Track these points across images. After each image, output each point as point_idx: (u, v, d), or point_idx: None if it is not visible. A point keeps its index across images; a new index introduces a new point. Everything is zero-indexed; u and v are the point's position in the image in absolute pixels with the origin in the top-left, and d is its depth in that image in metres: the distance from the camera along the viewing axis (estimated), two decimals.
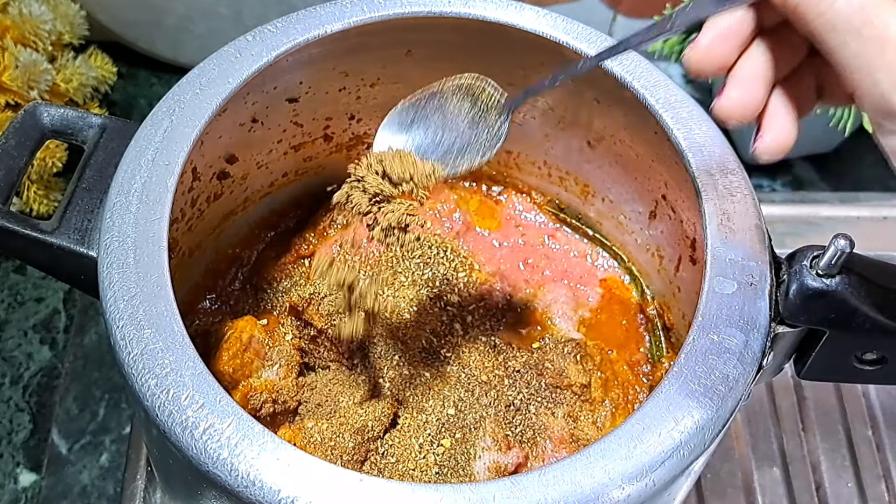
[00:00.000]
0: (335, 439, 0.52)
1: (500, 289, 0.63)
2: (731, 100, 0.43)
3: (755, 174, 0.90)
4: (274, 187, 0.66)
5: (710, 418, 0.44)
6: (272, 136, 0.62)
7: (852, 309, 0.46)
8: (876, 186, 0.90)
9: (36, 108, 0.54)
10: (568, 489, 0.41)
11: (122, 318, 0.45)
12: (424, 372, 0.57)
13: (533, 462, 0.56)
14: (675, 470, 0.43)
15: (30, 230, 0.50)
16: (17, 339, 0.78)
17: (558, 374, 0.58)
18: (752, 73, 0.43)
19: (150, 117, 0.52)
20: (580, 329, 0.63)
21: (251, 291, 0.64)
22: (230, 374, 0.54)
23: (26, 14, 0.81)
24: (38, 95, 0.81)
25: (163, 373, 0.43)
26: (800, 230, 0.81)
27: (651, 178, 0.60)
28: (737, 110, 0.43)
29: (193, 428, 0.42)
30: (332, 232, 0.66)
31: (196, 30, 0.91)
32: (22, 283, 0.81)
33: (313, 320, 0.58)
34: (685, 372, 0.45)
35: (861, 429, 0.74)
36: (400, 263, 0.62)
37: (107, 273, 0.46)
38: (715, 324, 0.46)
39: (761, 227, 0.50)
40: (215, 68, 0.54)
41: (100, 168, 0.52)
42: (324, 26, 0.56)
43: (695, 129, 0.53)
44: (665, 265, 0.63)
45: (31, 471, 0.72)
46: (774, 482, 0.71)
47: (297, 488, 0.40)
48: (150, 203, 0.49)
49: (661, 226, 0.61)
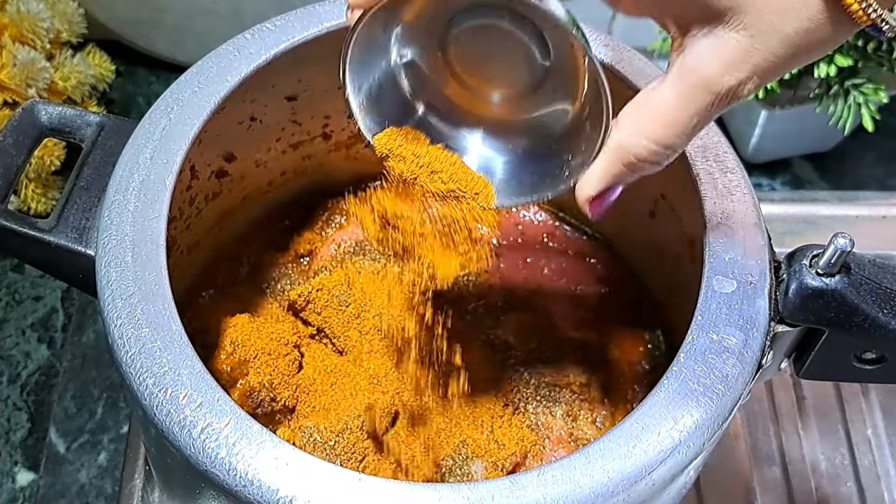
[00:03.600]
0: (334, 438, 0.52)
1: (500, 287, 0.63)
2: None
3: (754, 173, 0.90)
4: (272, 186, 0.66)
5: (709, 417, 0.44)
6: (271, 134, 0.62)
7: (852, 308, 0.46)
8: (875, 185, 0.90)
9: (34, 107, 0.54)
10: (567, 488, 0.41)
11: (120, 316, 0.45)
12: (423, 371, 0.56)
13: (532, 461, 0.55)
14: (675, 469, 0.43)
15: (28, 229, 0.50)
16: (14, 337, 0.78)
17: (557, 373, 0.58)
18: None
19: (149, 115, 0.52)
20: (579, 328, 0.63)
21: (250, 290, 0.64)
22: (228, 372, 0.54)
23: (24, 12, 0.81)
24: (36, 93, 0.81)
25: (161, 371, 0.43)
26: (799, 229, 0.81)
27: (650, 177, 0.60)
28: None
29: (191, 427, 0.42)
30: (331, 231, 0.66)
31: (194, 28, 0.91)
32: (20, 281, 0.81)
33: (312, 319, 0.58)
34: (684, 371, 0.45)
35: (861, 428, 0.74)
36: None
37: (105, 271, 0.46)
38: (714, 323, 0.46)
39: (760, 226, 0.50)
40: (214, 67, 0.54)
41: (98, 166, 0.52)
42: (322, 24, 0.56)
43: None
44: (664, 264, 0.62)
45: (28, 470, 0.72)
46: (774, 482, 0.71)
47: (295, 487, 0.40)
48: (148, 201, 0.48)
49: (661, 224, 0.61)
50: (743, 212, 0.50)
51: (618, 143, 0.41)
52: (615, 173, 0.42)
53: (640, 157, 0.41)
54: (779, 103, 0.84)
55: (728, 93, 0.39)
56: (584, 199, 0.44)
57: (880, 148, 0.93)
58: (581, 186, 0.44)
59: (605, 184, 0.43)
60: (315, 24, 0.56)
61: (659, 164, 0.41)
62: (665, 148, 0.40)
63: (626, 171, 0.42)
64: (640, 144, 0.40)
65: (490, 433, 0.54)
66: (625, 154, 0.41)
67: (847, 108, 0.77)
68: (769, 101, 0.84)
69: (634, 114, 0.41)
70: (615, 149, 0.41)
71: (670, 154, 0.41)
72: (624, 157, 0.41)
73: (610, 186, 0.43)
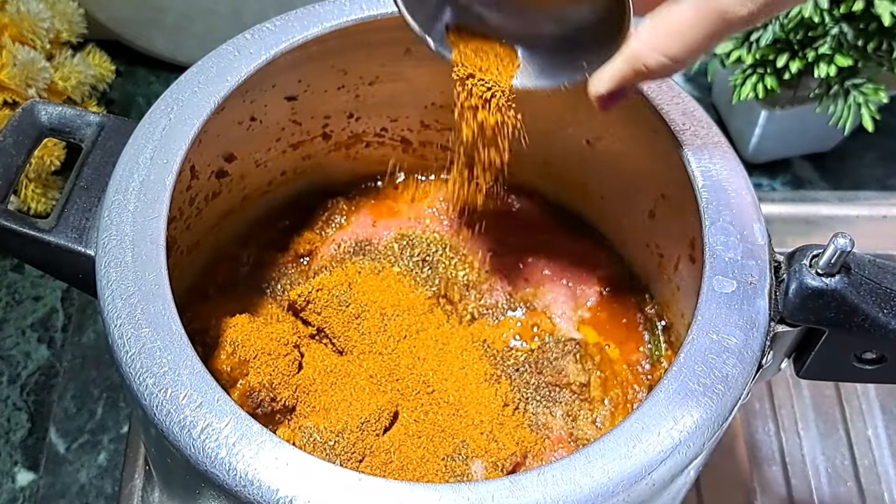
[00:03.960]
0: (334, 438, 0.52)
1: (500, 287, 0.63)
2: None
3: (755, 173, 0.90)
4: (272, 186, 0.66)
5: (710, 417, 0.44)
6: (271, 134, 0.62)
7: (852, 308, 0.46)
8: (875, 185, 0.90)
9: (34, 107, 0.54)
10: (567, 489, 0.41)
11: (120, 316, 0.45)
12: (423, 371, 0.56)
13: (532, 461, 0.55)
14: (675, 469, 0.43)
15: (27, 229, 0.50)
16: (14, 337, 0.78)
17: (557, 373, 0.58)
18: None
19: (149, 115, 0.52)
20: (579, 328, 0.63)
21: (250, 290, 0.64)
22: (228, 372, 0.54)
23: (24, 12, 0.81)
24: (36, 93, 0.81)
25: (161, 371, 0.43)
26: (799, 229, 0.81)
27: (650, 177, 0.60)
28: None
29: (191, 427, 0.42)
30: (331, 231, 0.66)
31: (194, 28, 0.91)
32: (20, 281, 0.81)
33: (312, 319, 0.58)
34: (684, 371, 0.45)
35: (861, 428, 0.74)
36: (400, 258, 0.62)
37: (105, 272, 0.46)
38: (714, 323, 0.46)
39: (761, 226, 0.50)
40: (214, 66, 0.54)
41: (98, 166, 0.52)
42: (322, 24, 0.56)
43: (694, 128, 0.53)
44: (664, 264, 0.62)
45: (28, 470, 0.72)
46: (774, 482, 0.71)
47: (295, 487, 0.40)
48: (148, 201, 0.48)
49: (661, 224, 0.61)
50: (743, 212, 0.50)
51: (633, 51, 0.46)
52: (625, 77, 0.47)
53: (649, 67, 0.45)
54: (779, 103, 0.84)
55: (740, 21, 0.43)
56: (594, 93, 0.49)
57: (880, 148, 0.93)
58: (593, 82, 0.49)
59: (614, 85, 0.48)
60: (315, 24, 0.56)
61: (665, 75, 0.46)
62: (673, 62, 0.45)
63: (634, 76, 0.46)
64: (652, 56, 0.45)
65: (490, 433, 0.54)
66: (637, 62, 0.46)
67: (847, 108, 0.77)
68: (769, 101, 0.84)
69: (652, 27, 0.45)
70: (629, 56, 0.46)
71: (677, 68, 0.45)
72: (636, 64, 0.46)
73: (618, 87, 0.48)
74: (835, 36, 0.75)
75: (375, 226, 0.66)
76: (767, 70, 0.77)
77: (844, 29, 0.75)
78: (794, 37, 0.77)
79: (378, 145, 0.68)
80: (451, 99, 0.55)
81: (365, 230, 0.65)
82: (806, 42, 0.76)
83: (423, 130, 0.67)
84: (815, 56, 0.75)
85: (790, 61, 0.76)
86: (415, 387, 0.56)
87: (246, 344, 0.55)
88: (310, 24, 0.56)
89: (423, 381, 0.56)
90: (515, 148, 0.56)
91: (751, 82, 0.77)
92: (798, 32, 0.76)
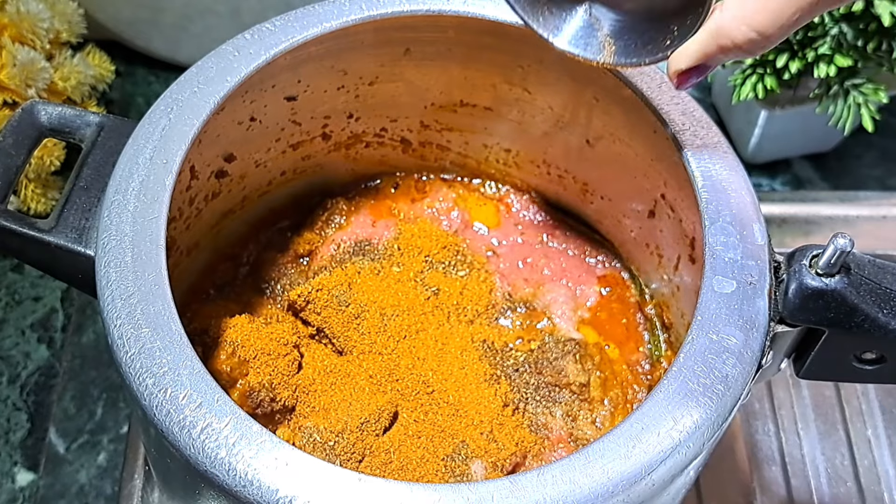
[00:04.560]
0: (333, 438, 0.52)
1: (499, 287, 0.63)
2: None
3: (754, 173, 0.90)
4: (272, 186, 0.66)
5: (709, 418, 0.44)
6: (270, 134, 0.62)
7: (851, 308, 0.46)
8: (875, 185, 0.90)
9: (33, 107, 0.54)
10: (566, 489, 0.41)
11: (119, 316, 0.45)
12: (423, 370, 0.56)
13: (531, 462, 0.55)
14: (674, 469, 0.43)
15: (27, 229, 0.50)
16: (14, 337, 0.78)
17: (557, 374, 0.58)
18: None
19: (148, 116, 0.52)
20: (579, 328, 0.63)
21: (249, 290, 0.64)
22: (228, 372, 0.54)
23: (24, 12, 0.81)
24: (36, 93, 0.81)
25: (160, 372, 0.43)
26: (799, 229, 0.81)
27: (650, 177, 0.60)
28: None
29: (191, 427, 0.42)
30: (331, 231, 0.66)
31: (194, 28, 0.91)
32: (19, 281, 0.81)
33: (311, 319, 0.58)
34: (684, 371, 0.45)
35: (861, 428, 0.74)
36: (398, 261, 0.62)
37: (104, 272, 0.46)
38: (714, 323, 0.46)
39: (760, 226, 0.50)
40: (213, 67, 0.54)
41: (97, 167, 0.52)
42: (322, 24, 0.56)
43: (694, 128, 0.53)
44: (664, 264, 0.62)
45: (28, 470, 0.72)
46: (774, 482, 0.71)
47: (295, 488, 0.40)
48: (147, 202, 0.48)
49: (661, 224, 0.61)
50: (743, 212, 0.50)
51: (718, 25, 0.43)
52: (708, 53, 0.45)
53: (735, 42, 0.43)
54: (779, 103, 0.84)
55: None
56: (674, 71, 0.47)
57: (880, 148, 0.93)
58: (674, 59, 0.47)
59: (696, 61, 0.45)
60: (315, 24, 0.56)
61: (751, 53, 0.44)
62: (762, 37, 0.42)
63: (719, 52, 0.44)
64: (739, 29, 0.42)
65: (490, 433, 0.54)
66: (722, 36, 0.43)
67: (847, 108, 0.77)
68: (769, 102, 0.84)
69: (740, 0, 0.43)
70: (715, 30, 0.44)
71: (765, 45, 0.43)
72: (721, 39, 0.43)
73: (700, 64, 0.46)
74: (834, 36, 0.75)
75: (375, 226, 0.66)
76: (767, 70, 0.77)
77: (844, 29, 0.75)
78: (793, 37, 0.77)
79: (378, 145, 0.68)
80: (451, 99, 0.55)
81: (365, 230, 0.65)
82: (805, 42, 0.76)
83: (423, 130, 0.67)
84: (815, 56, 0.75)
85: (790, 61, 0.76)
86: (414, 387, 0.56)
87: (246, 344, 0.55)
88: (309, 24, 0.56)
89: (422, 381, 0.56)
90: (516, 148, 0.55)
91: (750, 82, 0.77)
92: (798, 32, 0.76)
